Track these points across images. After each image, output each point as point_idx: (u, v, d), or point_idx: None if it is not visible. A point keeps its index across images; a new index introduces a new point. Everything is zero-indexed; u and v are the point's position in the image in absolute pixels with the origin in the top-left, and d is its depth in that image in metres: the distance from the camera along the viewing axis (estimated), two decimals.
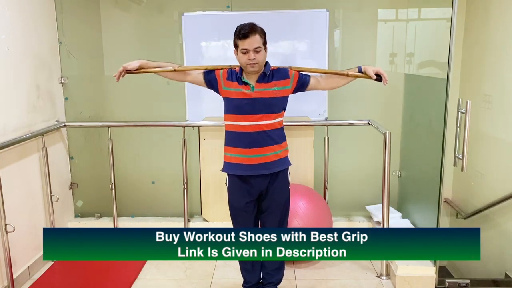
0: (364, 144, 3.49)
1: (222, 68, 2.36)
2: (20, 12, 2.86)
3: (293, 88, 2.35)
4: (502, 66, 2.90)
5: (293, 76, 2.34)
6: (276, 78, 2.30)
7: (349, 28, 3.41)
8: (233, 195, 2.41)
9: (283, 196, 2.40)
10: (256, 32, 2.18)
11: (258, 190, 2.36)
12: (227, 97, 2.33)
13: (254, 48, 2.17)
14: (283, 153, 2.36)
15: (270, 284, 2.54)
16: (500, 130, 2.96)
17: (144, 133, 3.55)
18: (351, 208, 3.61)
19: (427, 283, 2.73)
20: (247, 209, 2.40)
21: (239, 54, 2.22)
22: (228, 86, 2.31)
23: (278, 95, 2.29)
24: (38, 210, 3.08)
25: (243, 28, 2.18)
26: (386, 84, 2.32)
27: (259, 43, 2.19)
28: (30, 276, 2.94)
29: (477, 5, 3.21)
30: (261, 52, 2.21)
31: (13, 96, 2.79)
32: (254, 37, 2.17)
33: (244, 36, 2.17)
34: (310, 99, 3.27)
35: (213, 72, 2.36)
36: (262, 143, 2.29)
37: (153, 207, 3.65)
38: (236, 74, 2.31)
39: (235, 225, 2.47)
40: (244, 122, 2.27)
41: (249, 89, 2.26)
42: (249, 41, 2.17)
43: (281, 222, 2.44)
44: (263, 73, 2.28)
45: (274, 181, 2.35)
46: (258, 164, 2.30)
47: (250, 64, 2.20)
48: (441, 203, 2.65)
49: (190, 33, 3.30)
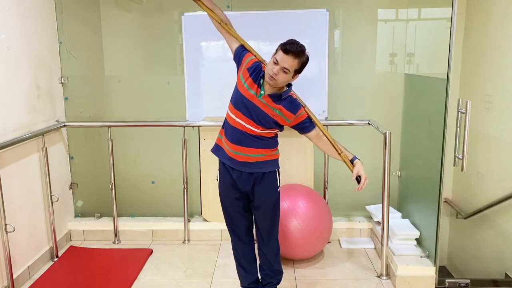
0: (364, 144, 3.48)
1: (255, 56, 2.33)
2: (20, 12, 2.86)
3: (291, 125, 2.31)
4: (502, 66, 2.90)
5: (299, 116, 2.27)
6: (285, 106, 2.23)
7: (349, 28, 3.41)
8: (222, 190, 2.43)
9: (271, 198, 2.38)
10: (297, 57, 2.11)
11: (243, 188, 2.34)
12: (237, 85, 2.30)
13: (283, 66, 2.11)
14: (268, 156, 2.32)
15: (269, 284, 2.54)
16: (500, 130, 2.95)
17: (144, 133, 3.55)
18: (351, 208, 3.61)
19: (427, 283, 2.73)
20: (236, 207, 2.40)
21: (271, 60, 2.17)
22: (244, 76, 2.28)
23: (274, 117, 2.24)
24: (38, 210, 3.08)
25: (292, 44, 2.11)
26: (356, 190, 2.26)
27: (291, 67, 2.12)
28: (30, 276, 2.94)
29: (477, 5, 3.21)
30: (287, 75, 2.13)
31: (13, 96, 2.79)
32: (292, 60, 2.10)
33: (285, 51, 2.10)
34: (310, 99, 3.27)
35: (246, 53, 2.33)
36: (248, 144, 2.26)
37: (153, 207, 3.66)
38: (259, 72, 2.25)
39: (227, 222, 2.48)
40: (237, 118, 2.26)
41: (258, 93, 2.22)
42: (285, 58, 2.10)
43: (272, 222, 2.43)
44: (279, 93, 2.22)
45: (259, 182, 2.33)
46: (239, 161, 2.29)
47: (269, 75, 2.14)
48: (441, 203, 2.65)
49: (190, 33, 3.30)
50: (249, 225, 2.49)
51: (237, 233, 2.48)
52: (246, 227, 2.47)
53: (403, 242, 3.01)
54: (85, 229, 3.53)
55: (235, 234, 2.49)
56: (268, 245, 2.47)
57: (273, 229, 2.45)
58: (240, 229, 2.47)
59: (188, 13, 3.29)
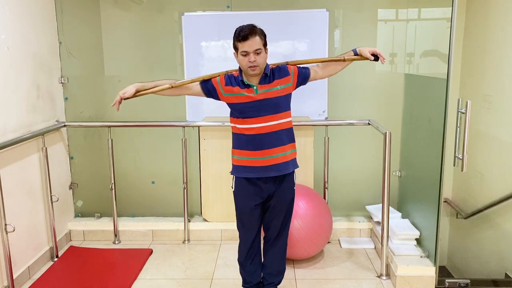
0: (364, 144, 3.49)
1: (218, 75, 2.33)
2: (20, 12, 2.86)
3: (294, 84, 2.33)
4: (502, 66, 2.90)
5: (292, 72, 2.31)
6: (277, 77, 2.28)
7: (349, 28, 3.41)
8: (242, 198, 2.38)
9: (288, 197, 2.40)
10: (256, 34, 2.14)
11: (267, 193, 2.34)
12: (230, 102, 2.30)
13: (254, 50, 2.13)
14: (290, 155, 2.33)
15: (270, 284, 2.53)
16: (500, 130, 2.95)
17: (144, 133, 3.55)
18: (351, 208, 3.61)
19: (427, 283, 2.73)
20: (255, 212, 2.38)
21: (239, 57, 2.19)
22: (228, 92, 2.28)
23: (281, 93, 2.27)
24: (38, 210, 3.08)
25: (242, 30, 2.14)
26: (384, 63, 2.31)
27: (259, 44, 2.15)
28: (30, 276, 2.94)
29: (477, 5, 3.21)
30: (262, 54, 2.17)
31: (13, 96, 2.79)
32: (254, 39, 2.13)
33: (243, 38, 2.13)
34: (310, 99, 3.28)
35: (210, 81, 2.32)
36: (270, 144, 2.26)
37: (153, 207, 3.66)
38: (236, 78, 2.28)
39: (240, 227, 2.46)
40: (251, 124, 2.24)
41: (252, 91, 2.23)
42: (249, 43, 2.13)
43: (284, 222, 2.43)
44: (264, 74, 2.25)
45: (281, 182, 2.34)
46: (266, 166, 2.27)
47: (251, 67, 2.16)
48: (441, 203, 2.65)
49: (190, 33, 3.30)
50: (259, 229, 2.46)
51: (248, 237, 2.45)
52: (256, 232, 2.44)
53: (403, 242, 3.01)
54: (85, 229, 3.53)
55: (246, 238, 2.46)
56: (277, 244, 2.47)
57: (285, 227, 2.46)
58: (251, 234, 2.44)
59: (188, 13, 3.29)
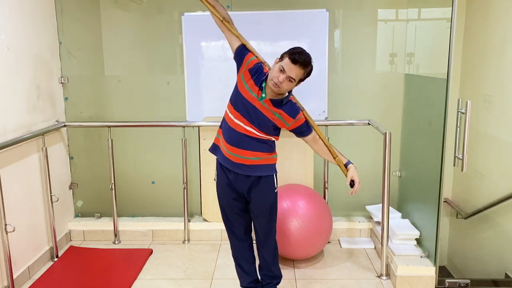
0: (364, 144, 3.49)
1: (256, 57, 2.29)
2: (20, 12, 2.86)
3: (290, 129, 2.30)
4: (502, 66, 2.90)
5: (297, 120, 2.26)
6: (284, 110, 2.23)
7: (349, 28, 3.41)
8: (220, 191, 2.42)
9: (268, 201, 2.37)
10: (305, 68, 2.11)
11: (240, 189, 2.34)
12: (237, 86, 2.29)
13: (290, 76, 2.10)
14: (265, 160, 2.30)
15: (269, 284, 2.53)
16: (500, 130, 2.95)
17: (144, 133, 3.55)
18: (351, 208, 3.61)
19: (427, 283, 2.73)
20: (233, 207, 2.39)
21: (276, 66, 2.14)
22: (245, 76, 2.26)
23: (274, 121, 2.23)
24: (38, 210, 3.08)
25: (301, 54, 2.09)
26: (350, 194, 2.35)
27: (297, 76, 2.11)
28: (30, 276, 2.94)
29: (477, 5, 3.21)
30: (291, 84, 2.13)
31: (13, 96, 2.79)
32: (299, 69, 2.10)
33: (294, 61, 2.08)
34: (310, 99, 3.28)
35: (247, 53, 2.29)
36: (244, 146, 2.25)
37: (153, 207, 3.66)
38: (260, 74, 2.24)
39: (225, 222, 2.48)
40: (236, 119, 2.24)
41: (258, 95, 2.21)
42: (292, 68, 2.08)
43: (269, 225, 2.42)
44: (280, 99, 2.21)
45: (256, 185, 2.32)
46: (234, 162, 2.27)
47: (274, 83, 2.12)
48: (441, 203, 2.65)
49: (190, 33, 3.30)
50: (246, 225, 2.48)
51: (235, 233, 2.47)
52: (243, 228, 2.47)
53: (403, 242, 3.01)
54: (85, 229, 3.53)
55: (233, 234, 2.49)
56: (265, 247, 2.47)
57: (270, 231, 2.45)
58: (237, 229, 2.46)
59: (188, 13, 3.29)
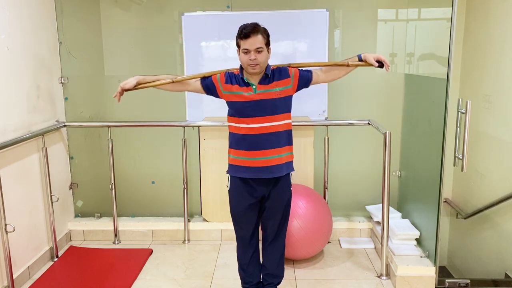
0: (364, 144, 3.49)
1: (219, 73, 2.34)
2: (20, 12, 2.86)
3: (295, 87, 2.32)
4: (502, 66, 2.90)
5: (293, 74, 2.31)
6: (277, 79, 2.28)
7: (349, 28, 3.41)
8: (235, 198, 2.39)
9: (285, 198, 2.39)
10: (259, 32, 2.16)
11: (261, 194, 2.34)
12: (229, 100, 2.31)
13: (255, 48, 2.15)
14: (286, 157, 2.32)
15: (270, 284, 2.53)
16: (500, 130, 2.95)
17: (144, 133, 3.55)
18: (351, 208, 3.61)
19: (427, 283, 2.73)
20: (249, 212, 2.38)
21: (241, 54, 2.20)
22: (227, 89, 2.29)
23: (280, 95, 2.26)
24: (38, 210, 3.08)
25: (245, 28, 2.16)
26: (388, 70, 2.32)
27: (261, 43, 2.17)
28: (30, 276, 2.94)
29: (477, 5, 3.21)
30: (263, 53, 2.18)
31: (13, 96, 2.79)
32: (256, 37, 2.15)
33: (245, 36, 2.14)
34: (310, 99, 3.28)
35: (210, 78, 2.34)
36: (264, 145, 2.25)
37: (153, 207, 3.66)
38: (236, 77, 2.29)
39: (236, 228, 2.46)
40: (247, 124, 2.25)
41: (251, 91, 2.24)
42: (250, 41, 2.14)
43: (281, 223, 2.43)
44: (265, 74, 2.25)
45: (276, 184, 2.33)
46: (260, 167, 2.27)
47: (251, 65, 2.17)
48: (441, 203, 2.65)
49: (190, 33, 3.30)
50: (254, 230, 2.46)
51: (244, 237, 2.45)
52: (252, 230, 2.44)
53: (403, 242, 3.01)
54: (85, 229, 3.53)
55: (242, 241, 2.47)
56: (275, 245, 2.46)
57: (282, 228, 2.45)
58: (246, 235, 2.44)
59: (188, 13, 3.29)
